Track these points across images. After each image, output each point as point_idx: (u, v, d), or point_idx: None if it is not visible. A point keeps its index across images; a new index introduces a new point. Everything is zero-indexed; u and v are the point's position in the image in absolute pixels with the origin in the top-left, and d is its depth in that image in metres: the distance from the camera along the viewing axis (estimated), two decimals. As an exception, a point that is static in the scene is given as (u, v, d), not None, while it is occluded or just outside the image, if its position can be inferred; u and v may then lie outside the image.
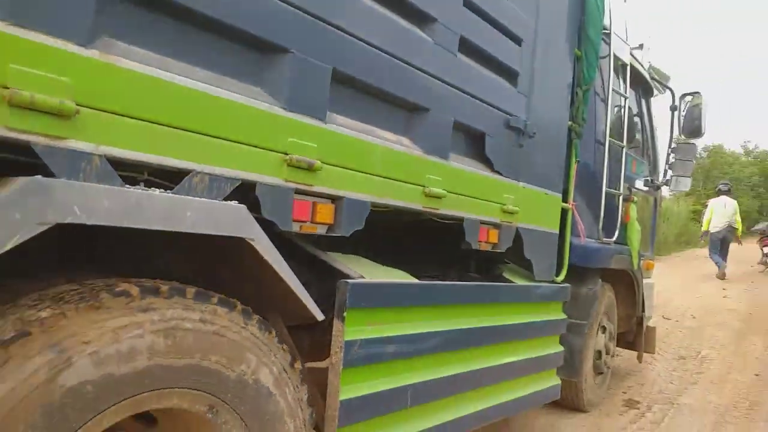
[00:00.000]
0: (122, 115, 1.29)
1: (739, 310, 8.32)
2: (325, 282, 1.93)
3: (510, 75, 2.73)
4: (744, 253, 18.38)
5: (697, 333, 6.64)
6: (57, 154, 1.19)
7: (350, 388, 1.90)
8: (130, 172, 1.33)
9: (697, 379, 4.77)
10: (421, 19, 2.14)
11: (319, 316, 1.76)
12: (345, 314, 1.86)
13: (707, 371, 5.01)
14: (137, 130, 1.32)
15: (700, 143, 30.23)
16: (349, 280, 1.90)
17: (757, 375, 4.92)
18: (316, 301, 1.74)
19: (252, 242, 1.50)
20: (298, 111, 1.69)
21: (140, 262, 1.61)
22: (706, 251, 13.55)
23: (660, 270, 5.67)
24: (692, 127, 4.75)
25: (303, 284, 1.68)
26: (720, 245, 11.71)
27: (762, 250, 13.96)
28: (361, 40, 1.87)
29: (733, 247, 13.34)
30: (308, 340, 2.06)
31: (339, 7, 1.79)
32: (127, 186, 1.29)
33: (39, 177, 1.14)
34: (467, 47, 2.39)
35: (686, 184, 4.98)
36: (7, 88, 1.10)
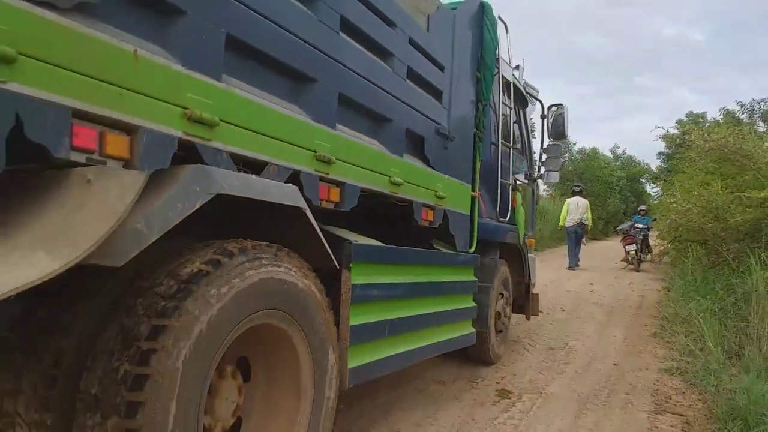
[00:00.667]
0: (235, 125, 2.04)
1: (603, 304, 9.01)
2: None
3: (437, 94, 3.69)
4: (609, 251, 19.93)
5: (566, 325, 7.09)
6: (208, 151, 1.92)
7: (355, 318, 2.70)
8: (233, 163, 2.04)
9: (563, 369, 5.08)
10: (386, 54, 3.06)
11: (336, 265, 2.54)
12: (351, 265, 2.68)
13: (573, 361, 5.35)
14: (243, 135, 2.08)
15: (577, 147, 32.55)
16: (352, 241, 2.72)
17: (615, 364, 5.32)
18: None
19: (305, 211, 2.26)
20: (320, 121, 2.52)
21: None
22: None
23: (536, 265, 6.23)
24: (558, 132, 5.99)
25: None
26: (573, 238, 13.96)
27: (625, 248, 15.15)
28: (352, 70, 2.75)
29: (600, 245, 14.81)
30: None
31: (344, 50, 2.68)
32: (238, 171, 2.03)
33: (201, 165, 1.84)
34: (411, 74, 3.32)
35: (555, 177, 6.32)
36: (187, 108, 1.82)
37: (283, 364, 2.29)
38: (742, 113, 28.22)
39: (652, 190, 44.58)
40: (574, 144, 34.42)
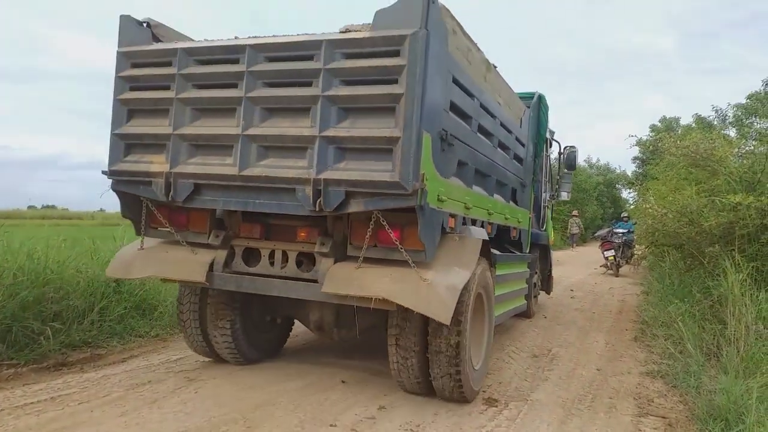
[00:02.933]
0: (473, 206, 4.48)
1: (584, 310, 9.15)
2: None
3: (521, 160, 6.20)
4: (588, 257, 20.13)
5: (549, 332, 7.19)
6: (467, 220, 4.41)
7: (496, 291, 5.03)
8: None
9: (548, 375, 5.15)
10: (508, 149, 5.54)
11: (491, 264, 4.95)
12: (495, 265, 5.03)
13: (556, 368, 5.43)
14: (475, 210, 4.52)
15: (553, 156, 33.84)
16: (496, 253, 5.14)
17: (598, 370, 5.41)
18: None
19: (488, 241, 4.61)
20: (490, 194, 5.03)
21: None
22: (558, 255, 15.11)
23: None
24: (570, 164, 8.96)
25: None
26: None
27: (603, 254, 15.34)
28: (498, 164, 5.22)
29: (579, 251, 15.46)
30: None
31: (497, 155, 5.17)
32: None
33: (469, 226, 4.39)
34: (515, 155, 5.84)
35: (567, 196, 9.31)
36: (466, 203, 4.29)
37: (480, 311, 4.58)
38: (716, 119, 28.76)
39: (628, 195, 45.13)
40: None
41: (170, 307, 6.63)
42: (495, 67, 5.06)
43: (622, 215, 17.20)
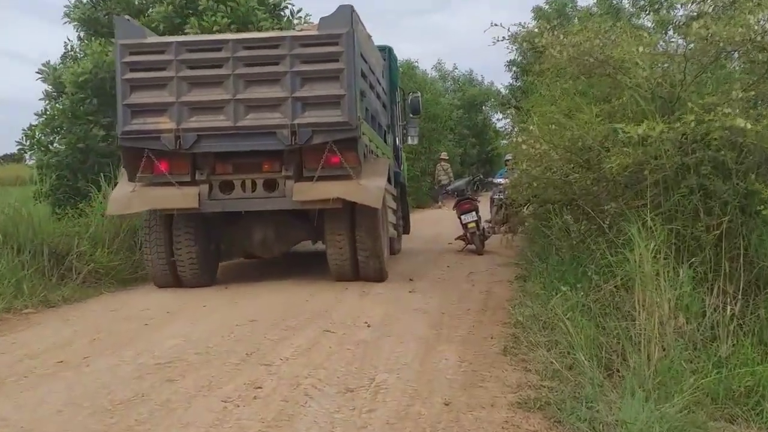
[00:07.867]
0: (371, 141, 14.78)
1: (428, 310, 9.49)
2: None
3: (385, 107, 15.37)
4: (440, 225, 21.06)
5: (372, 349, 7.34)
6: (372, 151, 14.32)
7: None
8: None
9: (368, 420, 5.24)
10: (379, 96, 14.09)
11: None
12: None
13: (383, 406, 5.54)
14: (372, 144, 14.43)
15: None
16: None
17: (447, 404, 5.60)
18: None
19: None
20: (378, 134, 14.29)
21: None
22: (416, 217, 17.02)
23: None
24: (414, 109, 18.05)
25: None
26: None
27: (460, 219, 15.82)
28: (375, 107, 13.66)
29: (441, 211, 20.10)
30: None
31: (374, 101, 13.60)
32: None
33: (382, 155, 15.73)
34: (382, 102, 14.84)
35: (415, 140, 19.07)
36: (364, 132, 13.00)
37: (383, 213, 12.59)
38: (627, 2, 30.93)
39: (499, 122, 47.30)
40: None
41: None
42: (370, 36, 12.16)
43: (505, 159, 18.04)
